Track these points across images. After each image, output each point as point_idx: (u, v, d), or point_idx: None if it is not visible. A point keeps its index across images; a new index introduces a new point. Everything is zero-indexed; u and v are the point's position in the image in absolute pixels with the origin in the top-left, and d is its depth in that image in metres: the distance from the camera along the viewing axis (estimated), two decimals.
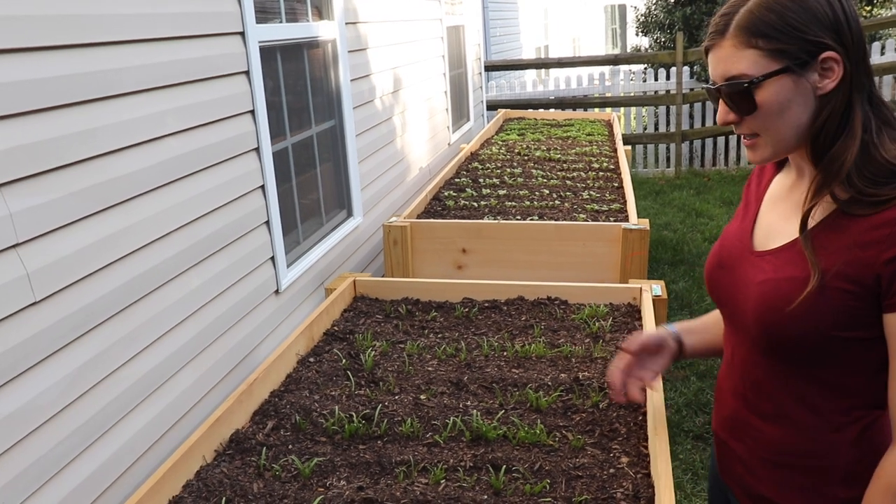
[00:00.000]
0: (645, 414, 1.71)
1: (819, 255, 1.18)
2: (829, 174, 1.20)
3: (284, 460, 1.59)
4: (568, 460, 1.53)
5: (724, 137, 8.96)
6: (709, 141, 9.02)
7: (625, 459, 1.53)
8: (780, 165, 1.39)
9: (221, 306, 2.60)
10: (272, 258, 2.94)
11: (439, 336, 2.22)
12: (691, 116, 8.97)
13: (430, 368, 1.99)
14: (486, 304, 2.42)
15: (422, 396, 1.84)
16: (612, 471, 1.50)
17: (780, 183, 1.37)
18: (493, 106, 8.45)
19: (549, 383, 1.86)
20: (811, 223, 1.22)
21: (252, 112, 2.79)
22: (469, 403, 1.79)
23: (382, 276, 3.73)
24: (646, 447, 1.58)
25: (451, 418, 1.70)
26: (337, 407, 1.79)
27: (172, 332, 2.33)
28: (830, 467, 1.26)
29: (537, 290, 2.46)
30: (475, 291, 2.48)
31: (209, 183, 2.51)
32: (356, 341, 2.17)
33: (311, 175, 3.50)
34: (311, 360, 2.08)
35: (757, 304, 1.26)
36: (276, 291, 2.98)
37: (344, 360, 2.04)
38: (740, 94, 1.21)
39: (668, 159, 9.15)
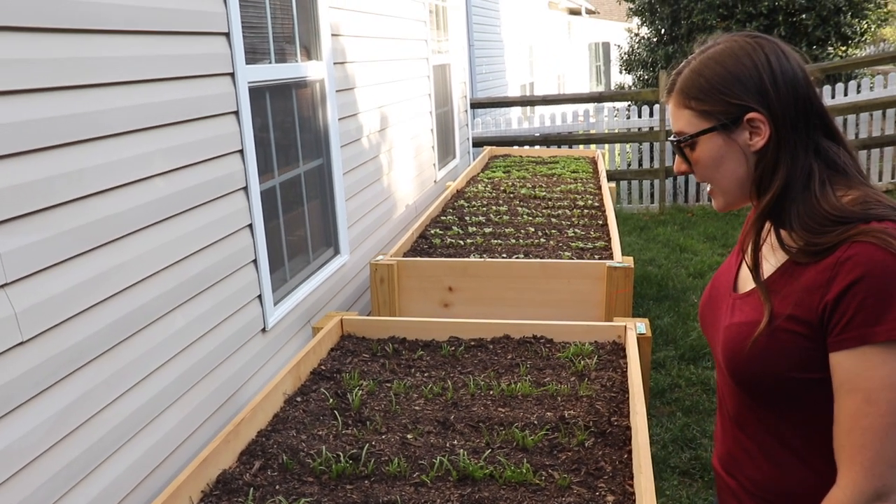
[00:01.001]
0: (630, 452, 1.72)
1: (774, 299, 1.25)
2: (755, 220, 1.30)
3: (272, 501, 1.59)
4: (554, 499, 1.54)
5: None
6: (692, 177, 9.10)
7: (610, 498, 1.54)
8: None
9: (208, 345, 2.60)
10: (259, 296, 2.95)
11: (426, 375, 2.23)
12: (675, 153, 9.04)
13: (416, 408, 2.00)
14: (473, 343, 2.44)
15: (409, 436, 1.84)
16: None
17: None
18: (478, 143, 8.53)
19: (535, 422, 1.87)
20: (770, 269, 1.29)
21: (241, 151, 2.81)
22: (456, 443, 1.79)
23: (369, 314, 3.74)
24: (631, 485, 1.59)
25: (438, 458, 1.70)
26: (324, 447, 1.79)
27: (159, 372, 2.33)
28: None
29: (523, 328, 2.48)
30: (461, 330, 2.50)
31: (197, 222, 2.52)
32: (343, 380, 2.17)
33: (298, 213, 3.53)
34: (299, 399, 2.08)
35: (724, 347, 1.34)
36: (263, 330, 2.98)
37: (331, 400, 2.05)
38: (680, 149, 1.34)
39: (652, 195, 9.22)
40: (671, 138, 1.36)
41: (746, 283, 1.37)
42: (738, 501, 1.42)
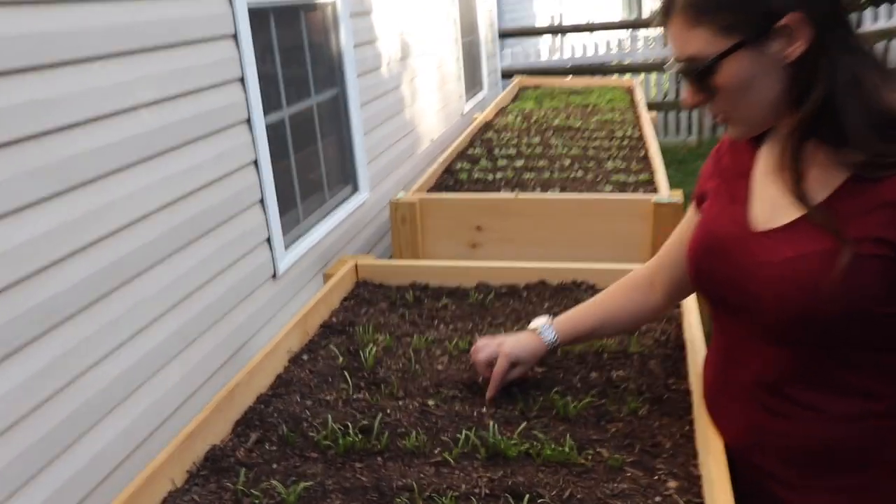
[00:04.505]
0: (692, 422, 1.44)
1: (845, 224, 1.05)
2: (794, 142, 1.09)
3: (266, 484, 1.35)
4: (603, 485, 1.27)
5: None
6: None
7: (673, 484, 1.27)
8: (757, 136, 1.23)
9: (210, 295, 2.35)
10: (268, 239, 2.69)
11: (451, 328, 1.96)
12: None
13: (439, 367, 1.74)
14: (504, 290, 2.16)
15: (430, 402, 1.58)
16: (657, 499, 1.24)
17: (772, 153, 1.18)
18: (507, 74, 8.14)
19: (578, 385, 1.60)
20: (824, 193, 1.09)
21: (241, 80, 2.52)
22: (484, 411, 1.53)
23: (390, 258, 3.47)
24: (697, 466, 1.32)
25: (464, 431, 1.44)
26: (331, 416, 1.54)
27: (152, 327, 2.09)
28: (889, 460, 1.12)
29: (561, 272, 2.19)
30: (491, 275, 2.22)
31: (192, 159, 2.25)
32: (357, 335, 1.92)
33: (311, 148, 3.24)
34: (305, 357, 1.83)
35: (778, 286, 1.11)
36: (274, 276, 2.73)
37: (341, 358, 1.79)
38: (697, 78, 1.13)
39: (689, 127, 8.83)
40: (678, 67, 1.14)
41: (780, 214, 1.13)
42: (781, 483, 1.20)
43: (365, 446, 1.45)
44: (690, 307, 1.83)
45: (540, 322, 1.58)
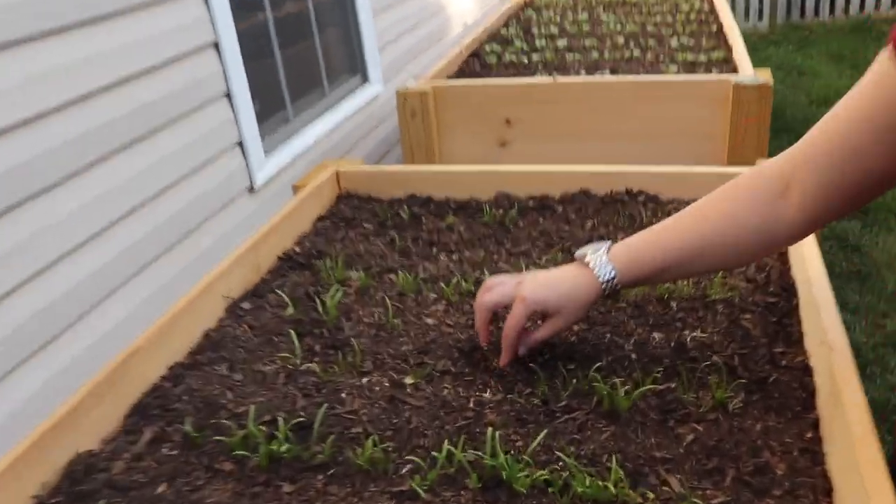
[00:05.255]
0: (817, 424, 0.89)
1: None
2: None
3: None
4: None
5: None
6: None
7: None
8: None
9: (163, 212, 1.85)
10: (240, 143, 2.15)
11: (454, 258, 1.43)
12: None
13: (429, 321, 1.21)
14: (532, 203, 1.61)
15: (406, 380, 1.06)
16: None
17: None
18: None
19: (633, 355, 1.05)
20: None
21: None
22: (485, 397, 1.00)
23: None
24: None
25: (447, 441, 0.91)
26: (257, 403, 1.03)
27: (80, 252, 1.60)
28: None
29: (610, 178, 1.62)
30: (515, 183, 1.67)
31: (118, 38, 1.71)
32: (323, 270, 1.39)
33: (301, 30, 2.66)
34: (246, 305, 1.31)
35: None
36: (251, 189, 2.21)
37: (291, 308, 1.27)
38: None
39: (760, 12, 7.96)
40: None
41: None
42: None
43: (298, 456, 0.94)
44: None
45: (590, 250, 1.01)
